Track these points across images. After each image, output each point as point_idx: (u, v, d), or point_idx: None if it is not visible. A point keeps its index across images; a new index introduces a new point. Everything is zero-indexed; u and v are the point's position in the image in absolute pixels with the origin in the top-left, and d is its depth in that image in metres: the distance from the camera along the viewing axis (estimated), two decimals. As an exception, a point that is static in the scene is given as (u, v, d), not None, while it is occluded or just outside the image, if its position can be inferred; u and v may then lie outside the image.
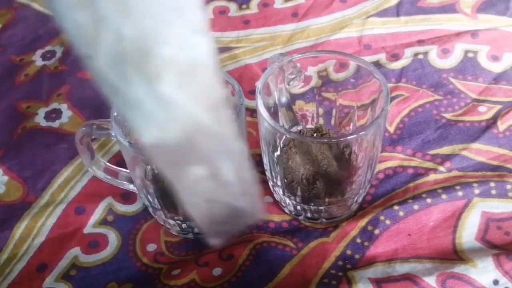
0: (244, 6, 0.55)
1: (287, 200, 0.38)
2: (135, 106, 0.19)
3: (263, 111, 0.34)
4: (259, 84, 0.35)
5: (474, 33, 0.49)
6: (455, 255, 0.36)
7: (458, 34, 0.50)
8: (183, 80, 0.19)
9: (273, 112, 0.39)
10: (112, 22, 0.18)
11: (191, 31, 0.19)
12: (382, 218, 0.38)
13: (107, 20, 0.17)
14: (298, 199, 0.38)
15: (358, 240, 0.37)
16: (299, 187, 0.37)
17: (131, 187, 0.39)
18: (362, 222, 0.38)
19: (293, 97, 0.41)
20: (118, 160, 0.43)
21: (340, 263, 0.36)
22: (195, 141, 0.21)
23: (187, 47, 0.19)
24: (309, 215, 0.39)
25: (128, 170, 0.38)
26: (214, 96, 0.21)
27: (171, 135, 0.20)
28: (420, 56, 0.49)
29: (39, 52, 0.54)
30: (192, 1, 0.18)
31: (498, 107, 0.44)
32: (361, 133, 0.33)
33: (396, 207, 0.38)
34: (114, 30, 0.18)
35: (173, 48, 0.19)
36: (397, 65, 0.48)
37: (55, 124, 0.47)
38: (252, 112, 0.46)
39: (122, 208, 0.41)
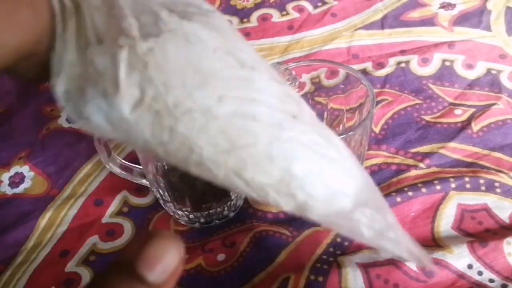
0: (245, 20, 0.55)
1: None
2: None
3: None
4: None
5: (450, 44, 0.50)
6: (434, 242, 0.36)
7: (437, 45, 0.50)
8: None
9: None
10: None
11: None
12: (368, 209, 0.38)
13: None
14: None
15: (347, 229, 0.37)
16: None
17: (144, 181, 0.39)
18: (351, 213, 0.38)
19: (289, 101, 0.41)
20: (132, 157, 0.43)
21: (331, 249, 0.36)
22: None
23: None
24: (303, 206, 0.39)
25: (141, 167, 0.37)
26: None
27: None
28: (403, 65, 0.49)
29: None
30: None
31: (472, 110, 0.44)
32: (349, 134, 0.33)
33: (381, 200, 0.38)
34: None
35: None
36: (381, 72, 0.48)
37: (76, 125, 0.46)
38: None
39: (136, 201, 0.41)
